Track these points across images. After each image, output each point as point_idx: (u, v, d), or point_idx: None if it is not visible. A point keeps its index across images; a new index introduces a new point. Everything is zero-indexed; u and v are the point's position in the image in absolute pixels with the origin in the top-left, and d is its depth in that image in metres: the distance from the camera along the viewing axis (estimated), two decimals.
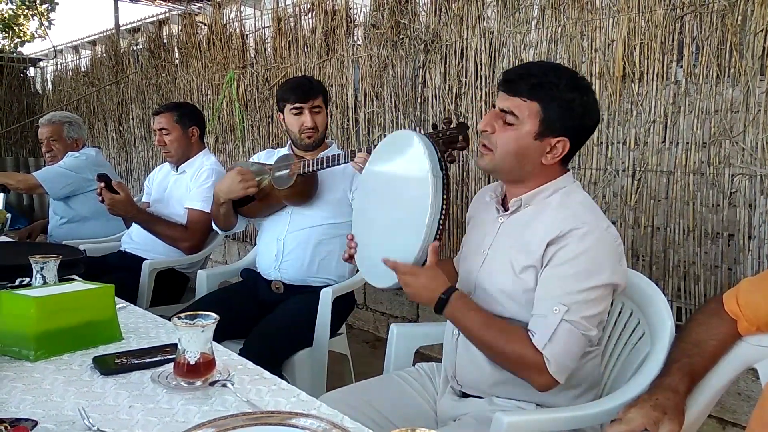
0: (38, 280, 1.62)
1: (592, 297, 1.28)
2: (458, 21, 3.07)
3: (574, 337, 1.27)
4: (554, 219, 1.33)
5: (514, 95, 1.34)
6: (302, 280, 2.28)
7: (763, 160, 2.21)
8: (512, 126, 1.34)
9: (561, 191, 1.39)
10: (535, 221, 1.37)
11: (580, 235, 1.28)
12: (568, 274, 1.28)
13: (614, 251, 1.32)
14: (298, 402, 1.13)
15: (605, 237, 1.31)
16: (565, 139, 1.35)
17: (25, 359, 1.30)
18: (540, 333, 1.28)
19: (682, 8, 2.35)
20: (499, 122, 1.36)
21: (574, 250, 1.28)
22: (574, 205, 1.36)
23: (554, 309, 1.27)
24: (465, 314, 1.36)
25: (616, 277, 1.32)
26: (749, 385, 2.26)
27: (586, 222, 1.30)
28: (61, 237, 3.22)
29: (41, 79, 8.00)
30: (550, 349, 1.26)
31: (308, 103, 2.24)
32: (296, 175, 2.13)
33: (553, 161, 1.37)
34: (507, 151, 1.36)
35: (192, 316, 1.18)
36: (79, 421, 1.02)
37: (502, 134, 1.36)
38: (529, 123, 1.33)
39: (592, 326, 1.28)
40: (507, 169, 1.40)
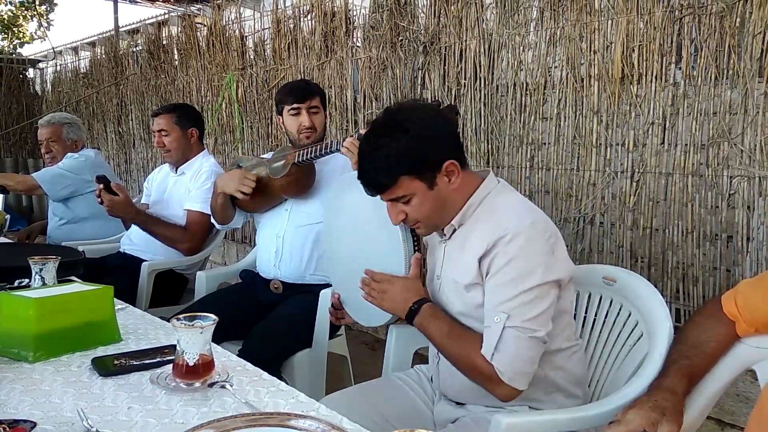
0: (37, 281, 1.62)
1: (530, 298, 1.27)
2: (457, 23, 3.07)
3: (522, 342, 1.26)
4: (482, 233, 1.34)
5: (383, 193, 1.37)
6: (301, 278, 2.28)
7: (761, 162, 2.21)
8: (409, 201, 1.36)
9: (486, 200, 1.41)
10: (469, 238, 1.39)
11: (505, 242, 1.29)
12: (502, 282, 1.29)
13: (544, 247, 1.31)
14: (297, 403, 1.13)
15: (532, 236, 1.30)
16: (447, 161, 1.34)
17: (24, 360, 1.30)
18: (486, 343, 1.29)
19: (680, 10, 2.36)
20: (399, 206, 1.38)
21: (504, 257, 1.29)
22: (498, 211, 1.36)
23: (495, 318, 1.28)
24: (431, 323, 1.39)
25: (553, 273, 1.30)
26: (748, 386, 2.26)
27: (508, 228, 1.30)
28: (60, 238, 3.22)
29: (40, 80, 8.00)
30: (498, 359, 1.27)
31: (306, 103, 2.25)
32: (291, 165, 2.14)
33: (459, 180, 1.37)
34: (427, 215, 1.39)
35: (191, 318, 1.17)
36: (78, 423, 1.02)
37: (410, 210, 1.37)
38: (415, 187, 1.34)
39: (539, 326, 1.27)
40: (440, 222, 1.43)
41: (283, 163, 2.18)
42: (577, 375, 1.44)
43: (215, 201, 2.35)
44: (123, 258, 2.86)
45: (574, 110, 2.71)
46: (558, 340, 1.39)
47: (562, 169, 2.76)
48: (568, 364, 1.42)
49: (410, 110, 1.39)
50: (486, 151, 3.02)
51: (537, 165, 2.85)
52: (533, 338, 1.27)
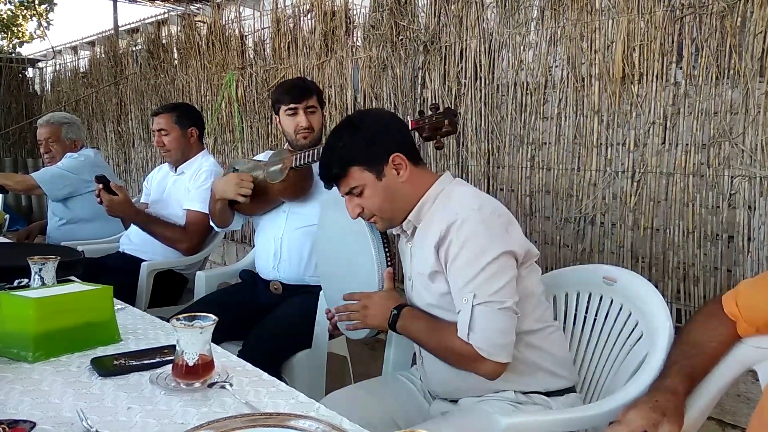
0: (37, 281, 1.61)
1: (492, 273, 1.32)
2: (458, 22, 3.07)
3: (492, 315, 1.31)
4: (437, 224, 1.40)
5: (338, 185, 1.50)
6: (300, 280, 2.27)
7: (762, 162, 2.21)
8: (362, 192, 1.47)
9: (441, 196, 1.48)
10: (428, 232, 1.44)
11: (456, 227, 1.35)
12: (461, 264, 1.34)
13: (494, 224, 1.37)
14: (297, 404, 1.12)
15: (480, 217, 1.36)
16: (394, 154, 1.45)
17: (24, 360, 1.30)
18: (461, 325, 1.33)
19: (681, 10, 2.35)
20: (355, 200, 1.49)
21: (458, 242, 1.35)
22: (451, 204, 1.43)
23: (463, 300, 1.33)
24: (413, 324, 1.45)
25: (507, 246, 1.35)
26: (749, 386, 2.26)
27: (456, 214, 1.36)
28: (59, 238, 3.22)
29: (40, 79, 7.99)
30: (473, 338, 1.31)
31: (302, 103, 2.23)
32: (288, 169, 2.13)
33: (408, 172, 1.47)
34: (381, 207, 1.48)
35: (190, 318, 1.17)
36: (78, 423, 1.02)
37: (365, 202, 1.48)
38: (365, 178, 1.46)
39: (505, 297, 1.32)
40: (394, 214, 1.50)
41: (280, 167, 2.17)
42: (558, 355, 1.46)
43: (214, 206, 2.35)
44: (122, 258, 2.86)
45: (575, 110, 2.70)
46: (528, 321, 1.42)
47: (562, 169, 2.76)
48: (545, 345, 1.44)
49: (364, 113, 1.58)
50: (486, 151, 3.02)
51: (537, 165, 2.85)
52: (502, 309, 1.31)
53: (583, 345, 1.63)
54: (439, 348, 1.40)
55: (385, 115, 1.57)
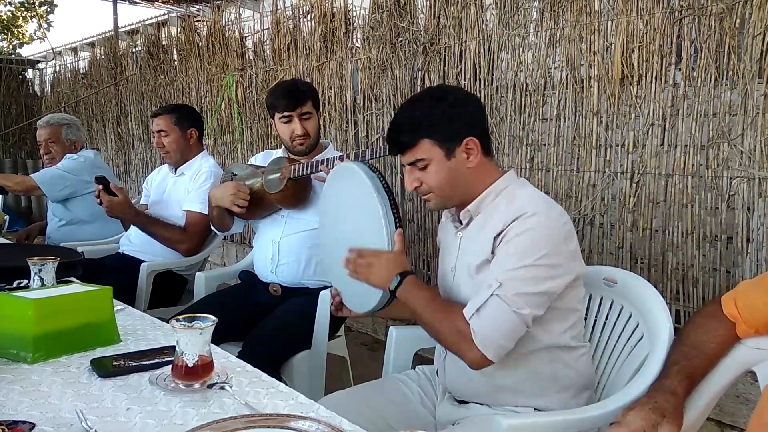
0: (36, 282, 1.62)
1: (529, 275, 1.28)
2: (457, 24, 3.07)
3: (504, 313, 1.27)
4: (502, 215, 1.37)
5: (404, 152, 1.44)
6: (299, 283, 2.27)
7: (761, 163, 2.21)
8: (427, 166, 1.42)
9: (504, 192, 1.44)
10: (486, 225, 1.41)
11: (522, 219, 1.32)
12: (508, 252, 1.31)
13: (557, 231, 1.33)
14: (297, 404, 1.12)
15: (548, 218, 1.33)
16: (470, 138, 1.41)
17: (23, 361, 1.30)
18: (470, 305, 1.31)
19: (680, 11, 2.36)
20: (416, 173, 1.44)
21: (515, 232, 1.32)
22: (517, 200, 1.39)
23: (488, 285, 1.30)
24: (415, 294, 1.40)
25: (558, 255, 1.32)
26: (748, 387, 2.26)
27: (525, 208, 1.33)
28: (59, 239, 3.22)
29: (40, 80, 8.00)
30: (476, 319, 1.28)
31: (296, 110, 2.20)
32: (287, 179, 2.12)
33: (477, 160, 1.42)
34: (440, 185, 1.43)
35: (190, 318, 1.17)
36: (77, 424, 1.02)
37: (426, 177, 1.43)
38: (434, 154, 1.41)
39: (527, 305, 1.28)
40: (452, 197, 1.46)
41: (278, 176, 2.16)
42: (586, 377, 1.45)
43: (211, 212, 2.34)
44: (122, 259, 2.86)
45: (574, 111, 2.70)
46: (566, 337, 1.39)
47: (561, 170, 2.76)
48: (577, 365, 1.42)
49: (448, 87, 1.55)
50: None
51: (537, 166, 2.85)
52: (516, 314, 1.27)
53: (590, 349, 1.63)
54: (435, 320, 1.36)
55: (468, 96, 1.50)
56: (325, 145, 2.36)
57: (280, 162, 2.22)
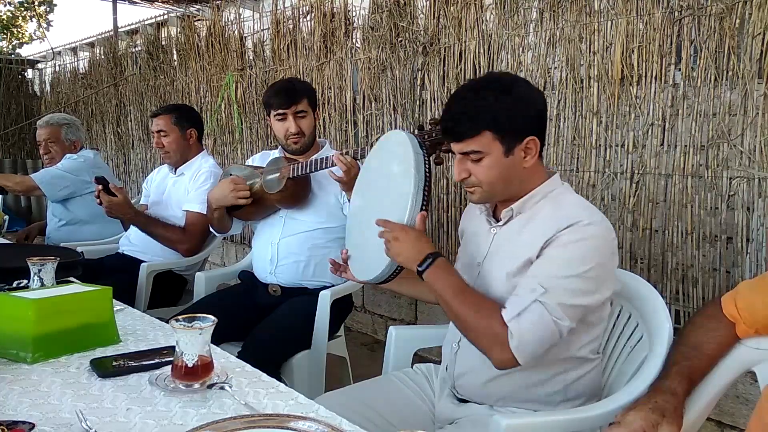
0: (36, 282, 1.61)
1: (574, 286, 1.26)
2: (457, 24, 3.07)
3: (544, 321, 1.25)
4: (550, 219, 1.33)
5: (462, 140, 1.36)
6: (298, 284, 2.27)
7: (761, 163, 2.21)
8: (481, 159, 1.36)
9: (550, 195, 1.40)
10: (528, 226, 1.37)
11: (577, 227, 1.28)
12: (554, 257, 1.28)
13: (609, 246, 1.31)
14: (296, 405, 1.12)
15: (600, 230, 1.30)
16: (532, 137, 1.36)
17: (23, 361, 1.30)
18: (511, 307, 1.28)
19: (680, 11, 2.36)
20: (468, 164, 1.38)
21: (568, 239, 1.28)
22: (567, 206, 1.36)
23: (532, 288, 1.27)
24: (445, 279, 1.36)
25: (604, 273, 1.30)
26: (747, 387, 2.26)
27: (581, 216, 1.30)
28: (58, 239, 3.22)
29: (39, 80, 7.99)
30: (516, 324, 1.25)
31: (291, 108, 2.20)
32: (286, 179, 2.12)
33: (534, 160, 1.38)
34: (491, 181, 1.37)
35: (190, 319, 1.17)
36: (77, 424, 1.02)
37: (477, 170, 1.37)
38: (493, 148, 1.34)
39: (567, 316, 1.26)
40: (500, 194, 1.42)
41: (277, 176, 2.16)
42: (594, 388, 1.44)
43: (211, 215, 2.34)
44: (122, 259, 2.86)
45: (574, 111, 2.70)
46: (585, 350, 1.39)
47: (561, 170, 2.76)
48: (589, 376, 1.42)
49: (517, 79, 1.41)
50: None
51: None
52: (556, 324, 1.25)
53: None
54: (464, 313, 1.32)
55: (535, 91, 1.40)
56: (322, 144, 2.36)
57: (278, 162, 2.22)
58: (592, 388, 1.44)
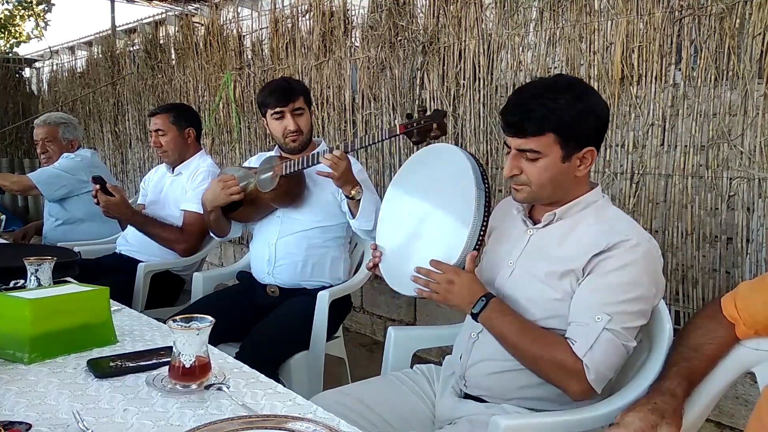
0: (33, 282, 1.61)
1: (635, 309, 1.29)
2: (456, 23, 3.07)
3: (614, 347, 1.27)
4: (598, 232, 1.34)
5: (524, 137, 1.34)
6: (297, 284, 2.27)
7: (761, 164, 2.21)
8: (537, 159, 1.35)
9: (593, 205, 1.41)
10: (571, 234, 1.38)
11: (628, 247, 1.29)
12: (612, 283, 1.29)
13: (657, 265, 1.34)
14: (294, 406, 1.12)
15: (651, 250, 1.32)
16: (591, 148, 1.36)
17: (20, 362, 1.29)
18: (581, 341, 1.28)
19: (680, 11, 2.35)
20: (522, 161, 1.37)
21: (621, 261, 1.29)
22: (613, 220, 1.37)
23: (596, 318, 1.27)
24: (502, 319, 1.36)
25: (657, 290, 1.33)
26: (747, 388, 2.26)
27: (630, 235, 1.31)
28: (55, 239, 3.21)
29: (37, 80, 7.99)
30: (590, 357, 1.26)
31: (288, 106, 2.20)
32: (279, 177, 2.11)
33: (587, 170, 1.39)
34: (542, 183, 1.37)
35: (187, 319, 1.17)
36: (74, 425, 1.01)
37: (530, 169, 1.37)
38: (552, 151, 1.34)
39: (631, 337, 1.29)
40: (546, 197, 1.42)
41: (270, 175, 2.16)
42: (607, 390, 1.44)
43: (208, 218, 2.33)
44: (119, 259, 2.85)
45: None
46: None
47: None
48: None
49: (589, 88, 1.41)
50: (485, 152, 3.02)
51: None
52: (625, 347, 1.29)
53: None
54: (532, 352, 1.32)
55: (603, 101, 1.41)
56: (318, 143, 2.35)
57: (271, 161, 2.21)
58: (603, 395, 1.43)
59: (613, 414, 1.23)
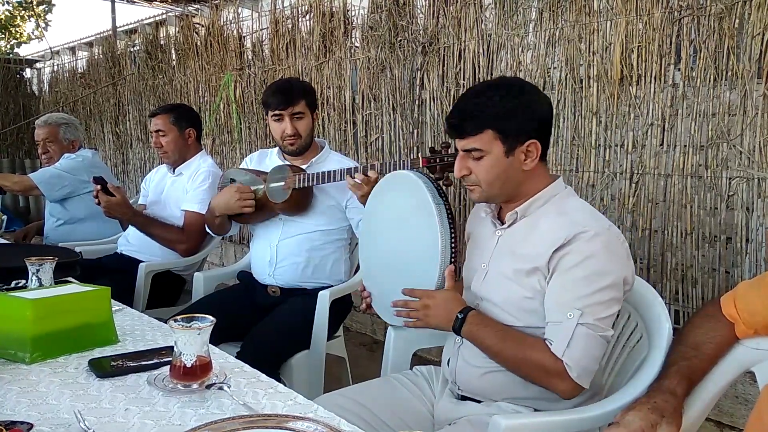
0: (34, 282, 1.61)
1: (605, 299, 1.29)
2: (456, 23, 3.07)
3: (592, 340, 1.28)
4: (557, 226, 1.34)
5: (465, 137, 1.39)
6: (297, 285, 2.27)
7: (760, 163, 2.21)
8: (482, 158, 1.39)
9: (554, 199, 1.42)
10: (534, 230, 1.39)
11: (586, 239, 1.30)
12: (577, 277, 1.29)
13: (620, 250, 1.34)
14: (295, 405, 1.12)
15: (610, 237, 1.32)
16: (533, 141, 1.38)
17: (21, 362, 1.29)
18: (557, 340, 1.29)
19: (679, 11, 2.36)
20: (469, 161, 1.41)
21: (582, 254, 1.29)
22: (572, 212, 1.37)
23: (568, 314, 1.28)
24: (483, 331, 1.38)
25: (625, 275, 1.33)
26: (747, 388, 2.26)
27: (589, 226, 1.31)
28: (57, 239, 3.21)
29: (38, 80, 7.99)
30: (569, 355, 1.27)
31: (288, 109, 2.17)
32: (292, 189, 2.11)
33: (534, 164, 1.40)
34: (490, 180, 1.40)
35: (188, 319, 1.17)
36: (75, 424, 1.01)
37: (478, 169, 1.40)
38: (494, 147, 1.37)
39: (608, 327, 1.30)
40: (499, 194, 1.44)
41: (282, 185, 2.14)
42: (596, 387, 1.44)
43: (212, 221, 2.32)
44: (120, 259, 2.85)
45: (573, 111, 2.70)
46: None
47: (561, 170, 2.76)
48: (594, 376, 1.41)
49: (525, 83, 1.45)
50: None
51: None
52: (603, 337, 1.29)
53: None
54: (514, 357, 1.34)
55: (542, 96, 1.44)
56: (321, 145, 2.35)
57: (283, 171, 2.17)
58: (596, 384, 1.44)
59: (613, 413, 1.23)
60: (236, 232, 2.47)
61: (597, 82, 2.60)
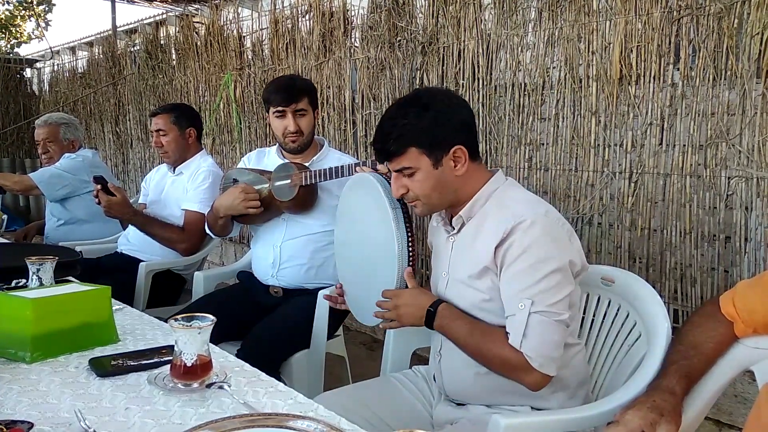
0: (34, 281, 1.61)
1: (553, 284, 1.30)
2: (455, 23, 3.07)
3: (548, 327, 1.28)
4: (497, 221, 1.36)
5: (393, 159, 1.42)
6: (300, 285, 2.27)
7: (759, 163, 2.21)
8: (414, 174, 1.42)
9: (496, 194, 1.44)
10: (480, 230, 1.41)
11: (524, 228, 1.31)
12: (521, 268, 1.31)
13: (560, 233, 1.35)
14: (296, 404, 1.12)
15: (547, 222, 1.34)
16: (458, 146, 1.40)
17: (22, 361, 1.30)
18: (513, 332, 1.30)
19: (678, 11, 2.36)
20: (403, 179, 1.44)
21: (523, 244, 1.31)
22: (510, 204, 1.39)
23: (520, 305, 1.29)
24: (453, 324, 1.40)
25: (570, 257, 1.33)
26: (746, 387, 2.26)
27: (523, 215, 1.33)
28: (57, 238, 3.22)
29: (38, 80, 7.98)
30: (527, 345, 1.28)
31: (291, 106, 2.17)
32: (298, 187, 2.10)
33: (465, 168, 1.42)
34: (427, 193, 1.43)
35: (189, 318, 1.17)
36: (76, 424, 1.01)
37: (413, 185, 1.43)
38: (422, 162, 1.40)
39: (562, 310, 1.30)
40: (439, 204, 1.47)
41: (288, 183, 2.13)
42: (582, 375, 1.45)
43: (215, 222, 2.31)
44: (120, 258, 2.86)
45: (572, 111, 2.71)
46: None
47: (560, 170, 2.76)
48: (574, 362, 1.42)
49: (435, 92, 1.47)
50: (484, 152, 3.02)
51: (535, 166, 2.85)
52: (558, 322, 1.29)
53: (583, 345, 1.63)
54: (481, 351, 1.36)
55: (457, 102, 1.46)
56: (320, 143, 2.34)
57: (287, 169, 2.17)
58: (581, 375, 1.45)
59: (613, 412, 1.23)
60: (236, 233, 2.47)
61: (596, 82, 2.60)
